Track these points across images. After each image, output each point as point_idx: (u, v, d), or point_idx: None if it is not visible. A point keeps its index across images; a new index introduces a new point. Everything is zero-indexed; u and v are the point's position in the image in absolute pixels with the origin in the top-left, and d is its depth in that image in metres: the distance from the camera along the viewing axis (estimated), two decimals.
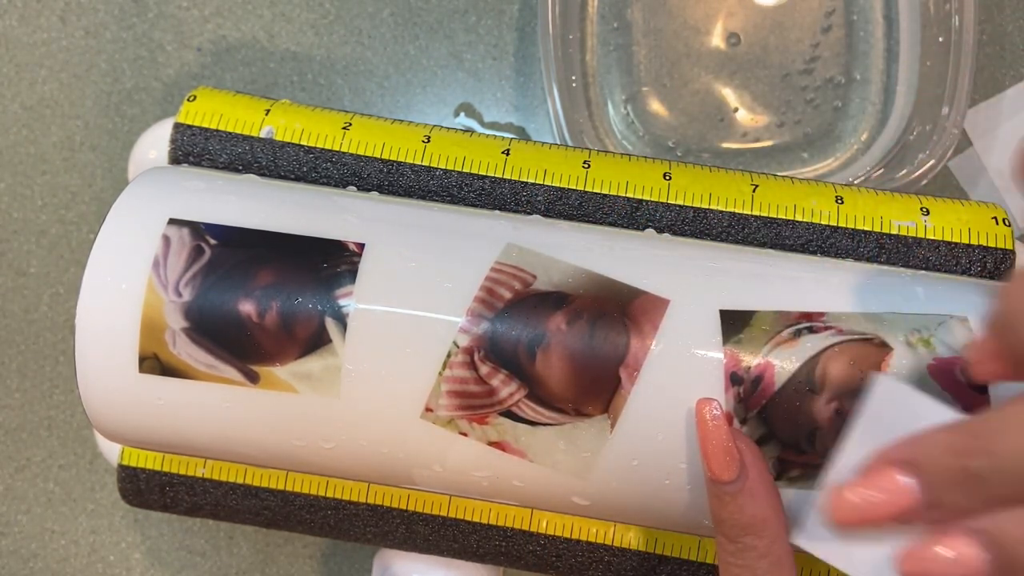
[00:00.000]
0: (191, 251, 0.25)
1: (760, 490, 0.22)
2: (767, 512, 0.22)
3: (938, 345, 0.24)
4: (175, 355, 0.24)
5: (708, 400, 0.23)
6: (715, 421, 0.23)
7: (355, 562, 0.38)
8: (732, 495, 0.22)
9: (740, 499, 0.22)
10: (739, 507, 0.22)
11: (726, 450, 0.22)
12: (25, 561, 0.39)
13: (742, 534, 0.22)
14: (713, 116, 0.38)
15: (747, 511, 0.22)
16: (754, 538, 0.22)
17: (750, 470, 0.22)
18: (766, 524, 0.22)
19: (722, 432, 0.22)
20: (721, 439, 0.22)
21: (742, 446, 0.22)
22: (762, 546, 0.22)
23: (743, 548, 0.22)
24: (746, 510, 0.22)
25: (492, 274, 0.25)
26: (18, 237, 0.39)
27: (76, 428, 0.39)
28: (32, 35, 0.40)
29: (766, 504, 0.22)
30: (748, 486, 0.22)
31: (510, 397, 0.24)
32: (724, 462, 0.22)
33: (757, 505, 0.22)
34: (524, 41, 0.39)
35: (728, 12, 0.38)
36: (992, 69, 0.38)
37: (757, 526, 0.22)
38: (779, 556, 0.22)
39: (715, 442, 0.22)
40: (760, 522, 0.22)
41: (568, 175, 0.28)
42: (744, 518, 0.22)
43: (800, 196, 0.28)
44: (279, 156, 0.29)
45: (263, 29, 0.39)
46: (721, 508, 0.23)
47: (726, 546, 0.23)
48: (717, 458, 0.22)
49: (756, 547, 0.22)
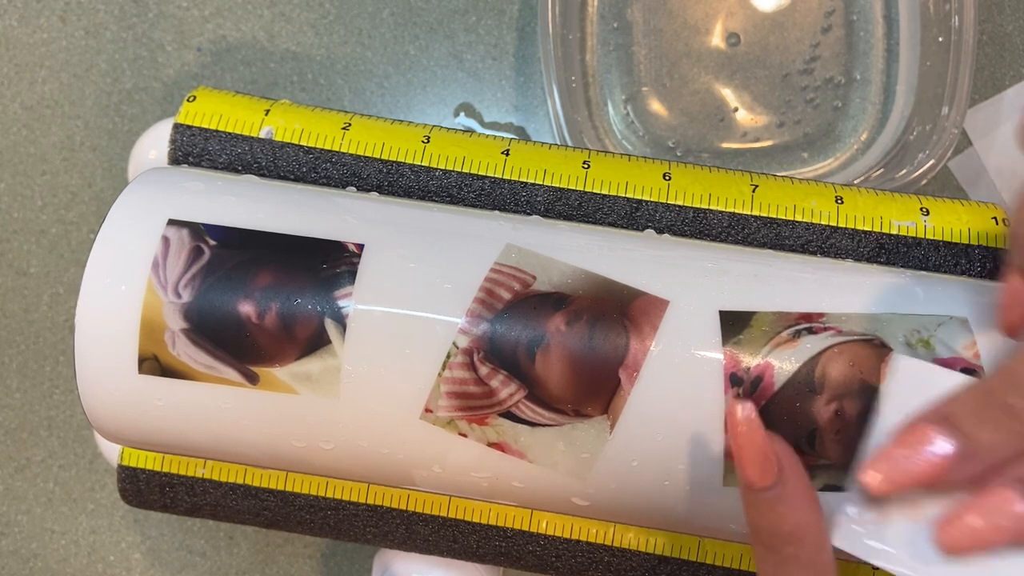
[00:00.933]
0: (190, 252, 0.25)
1: (800, 496, 0.20)
2: (809, 519, 0.20)
3: (938, 345, 0.24)
4: (175, 356, 0.24)
5: (741, 401, 0.21)
6: (750, 424, 0.21)
7: (355, 562, 0.38)
8: (770, 503, 0.20)
9: (780, 507, 0.20)
10: (779, 516, 0.20)
11: (763, 454, 0.20)
12: (25, 561, 0.39)
13: (784, 544, 0.20)
14: (713, 116, 0.38)
15: (788, 520, 0.20)
16: (796, 548, 0.20)
17: (788, 475, 0.20)
18: (808, 532, 0.20)
19: (758, 435, 0.20)
20: (757, 443, 0.20)
21: (779, 449, 0.21)
22: (805, 556, 0.20)
23: (785, 559, 0.21)
24: (787, 519, 0.20)
25: (491, 275, 0.25)
26: (18, 237, 0.39)
27: (76, 428, 0.39)
28: (32, 35, 0.40)
29: (807, 511, 0.20)
30: (787, 492, 0.20)
31: (510, 398, 0.24)
32: (761, 467, 0.20)
33: (798, 513, 0.20)
34: (524, 41, 0.39)
35: (728, 12, 0.38)
36: (992, 69, 0.38)
37: (799, 535, 0.20)
38: (824, 566, 0.21)
39: (750, 446, 0.20)
40: (802, 531, 0.20)
41: (568, 175, 0.28)
42: (785, 527, 0.20)
43: (800, 196, 0.28)
44: (279, 156, 0.29)
45: (263, 29, 0.39)
46: (759, 517, 0.21)
47: (766, 557, 0.21)
48: (754, 463, 0.20)
49: (799, 557, 0.20)
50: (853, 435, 0.23)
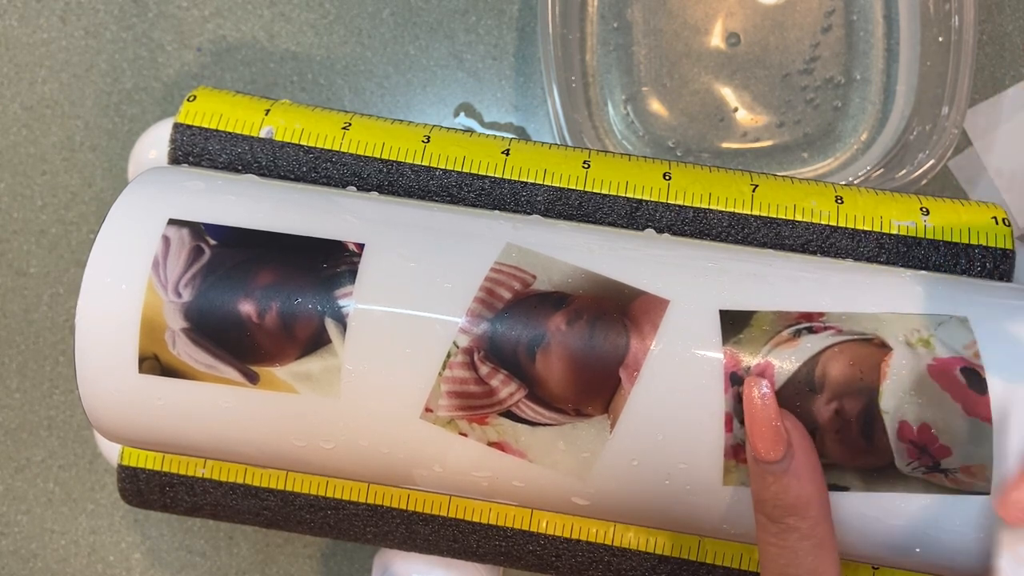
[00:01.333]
0: (191, 251, 0.25)
1: (806, 471, 0.22)
2: (812, 493, 0.22)
3: (938, 345, 0.24)
4: (175, 355, 0.24)
5: (757, 378, 0.23)
6: (764, 399, 0.22)
7: (355, 562, 0.38)
8: (777, 475, 0.22)
9: (785, 479, 0.22)
10: (784, 487, 0.22)
11: (774, 429, 0.22)
12: (25, 561, 0.39)
13: (785, 515, 0.22)
14: (713, 116, 0.38)
15: (791, 491, 0.22)
16: (797, 519, 0.22)
17: (797, 450, 0.22)
18: (810, 505, 0.22)
19: (771, 410, 0.22)
20: (769, 417, 0.22)
21: (789, 425, 0.22)
22: (805, 527, 0.22)
23: (785, 529, 0.22)
24: (791, 490, 0.22)
25: (492, 274, 0.25)
26: (18, 237, 0.39)
27: (76, 428, 0.39)
28: (32, 35, 0.40)
29: (811, 485, 0.22)
30: (794, 466, 0.22)
31: (510, 397, 0.24)
32: (772, 441, 0.22)
33: (802, 486, 0.22)
34: (524, 41, 0.39)
35: (728, 12, 0.38)
36: (992, 69, 0.38)
37: (801, 507, 0.22)
38: (822, 538, 0.22)
39: (763, 420, 0.22)
40: (804, 503, 0.22)
41: (568, 175, 0.28)
42: (788, 498, 0.22)
43: (800, 196, 0.28)
44: (279, 156, 0.29)
45: (263, 29, 0.39)
46: (764, 488, 0.22)
47: (768, 527, 0.22)
48: (764, 437, 0.22)
49: (799, 528, 0.22)
50: (853, 434, 0.23)
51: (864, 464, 0.23)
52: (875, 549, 0.24)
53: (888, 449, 0.23)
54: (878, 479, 0.23)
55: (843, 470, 0.23)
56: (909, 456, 0.23)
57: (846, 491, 0.23)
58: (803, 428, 0.23)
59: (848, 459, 0.23)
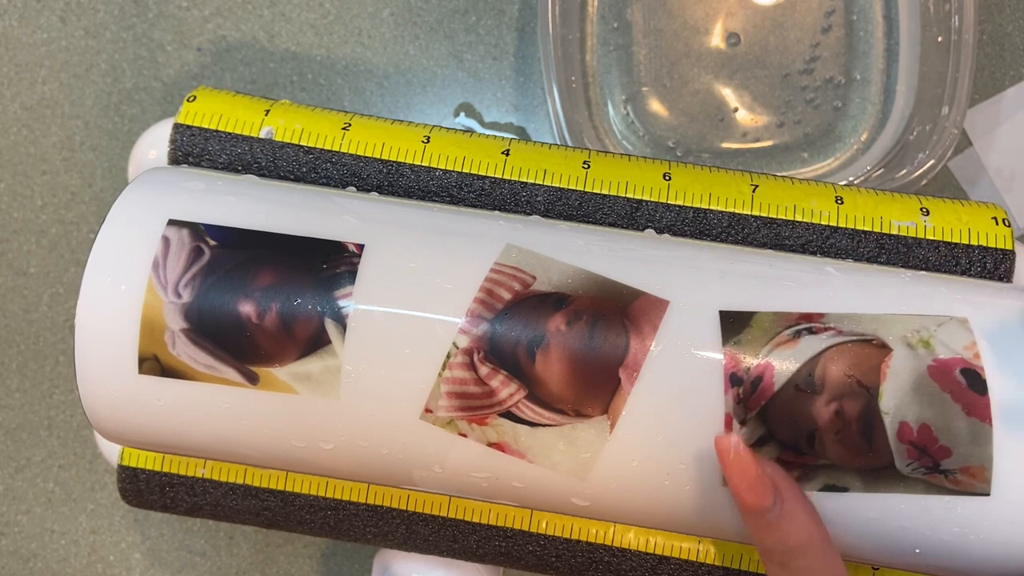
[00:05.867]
0: (191, 252, 0.25)
1: (798, 508, 0.22)
2: (811, 528, 0.22)
3: (938, 345, 0.24)
4: (175, 356, 0.24)
5: (726, 435, 0.22)
6: (738, 453, 0.22)
7: (355, 562, 0.38)
8: (774, 522, 0.22)
9: (783, 524, 0.22)
10: (784, 533, 0.22)
11: (756, 478, 0.22)
12: (25, 561, 0.39)
13: (792, 558, 0.22)
14: (713, 116, 0.38)
15: (792, 534, 0.22)
16: (805, 559, 0.22)
17: (784, 492, 0.22)
18: (812, 541, 0.22)
19: (748, 462, 0.22)
20: (749, 469, 0.22)
21: (769, 470, 0.22)
22: (817, 564, 0.22)
23: (797, 571, 0.22)
24: (791, 534, 0.22)
25: (491, 275, 0.25)
26: (18, 237, 0.39)
27: (76, 428, 0.39)
28: (32, 35, 0.40)
29: (808, 520, 0.22)
30: (787, 508, 0.22)
31: (510, 398, 0.24)
32: (758, 490, 0.22)
33: (801, 525, 0.22)
34: (524, 41, 0.39)
35: (728, 12, 0.38)
36: (992, 69, 0.38)
37: (806, 546, 0.22)
38: (833, 567, 0.22)
39: (742, 472, 0.22)
40: (807, 541, 0.22)
41: (568, 175, 0.28)
42: (791, 542, 0.22)
43: (800, 196, 0.28)
44: (279, 156, 0.29)
45: (263, 29, 0.39)
46: (766, 537, 0.22)
47: (779, 573, 0.22)
48: (750, 488, 0.22)
49: (811, 567, 0.22)
50: (853, 435, 0.23)
51: (864, 465, 0.23)
52: (875, 550, 0.24)
53: (888, 450, 0.23)
54: (878, 480, 0.23)
55: (843, 471, 0.23)
56: (909, 457, 0.23)
57: (846, 492, 0.23)
58: (781, 469, 0.23)
59: (848, 460, 0.23)
